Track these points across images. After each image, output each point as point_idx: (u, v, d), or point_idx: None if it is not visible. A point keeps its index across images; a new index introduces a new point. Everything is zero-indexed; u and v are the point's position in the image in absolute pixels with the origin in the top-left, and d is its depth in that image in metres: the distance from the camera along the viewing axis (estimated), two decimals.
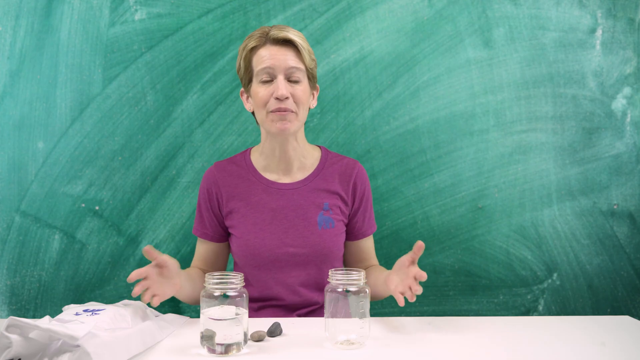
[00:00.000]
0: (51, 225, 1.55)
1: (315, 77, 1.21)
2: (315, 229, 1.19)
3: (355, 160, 1.28)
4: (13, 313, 1.55)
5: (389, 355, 0.89)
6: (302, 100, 1.15)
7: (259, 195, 1.22)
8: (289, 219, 1.20)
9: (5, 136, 1.54)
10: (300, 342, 0.95)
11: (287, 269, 1.19)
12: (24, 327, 0.82)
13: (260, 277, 1.20)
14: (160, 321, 1.02)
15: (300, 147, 1.23)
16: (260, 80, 1.14)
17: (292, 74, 1.14)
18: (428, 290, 1.59)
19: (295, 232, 1.19)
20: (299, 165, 1.24)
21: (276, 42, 1.13)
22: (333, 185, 1.23)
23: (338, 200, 1.23)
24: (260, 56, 1.14)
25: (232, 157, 1.29)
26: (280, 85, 1.12)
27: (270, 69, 1.13)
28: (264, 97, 1.13)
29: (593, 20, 1.57)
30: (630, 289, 1.60)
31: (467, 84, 1.57)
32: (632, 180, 1.59)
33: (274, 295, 1.20)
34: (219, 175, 1.24)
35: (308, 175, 1.24)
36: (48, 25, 1.54)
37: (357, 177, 1.24)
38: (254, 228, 1.20)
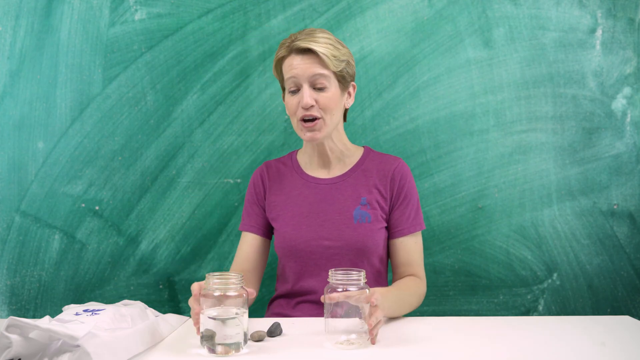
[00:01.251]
0: (51, 225, 1.55)
1: (347, 77, 1.21)
2: (350, 223, 1.20)
3: (398, 157, 1.29)
4: (13, 313, 1.55)
5: (389, 355, 0.89)
6: (329, 107, 1.17)
7: (298, 189, 1.26)
8: (326, 212, 1.22)
9: (5, 136, 1.54)
10: (300, 342, 0.95)
11: (322, 262, 1.20)
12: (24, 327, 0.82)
13: (297, 270, 1.22)
14: (161, 321, 1.01)
15: (339, 147, 1.26)
16: (289, 90, 1.19)
17: (316, 80, 1.16)
18: (428, 290, 1.58)
19: (331, 226, 1.21)
20: (337, 162, 1.27)
21: (300, 51, 1.16)
22: (372, 180, 1.24)
23: (377, 195, 1.23)
24: (287, 66, 1.18)
25: (280, 157, 1.35)
26: (305, 94, 1.15)
27: (295, 78, 1.17)
28: (292, 106, 1.18)
29: (593, 20, 1.57)
30: (630, 289, 1.60)
31: (467, 84, 1.57)
32: (632, 180, 1.59)
33: (309, 289, 1.21)
34: (267, 170, 1.31)
35: (347, 171, 1.26)
36: (48, 25, 1.54)
37: (396, 171, 1.24)
38: (292, 220, 1.23)
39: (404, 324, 1.08)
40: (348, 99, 1.24)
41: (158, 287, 1.57)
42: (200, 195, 1.56)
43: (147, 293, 1.57)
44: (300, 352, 0.90)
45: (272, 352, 0.90)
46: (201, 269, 1.57)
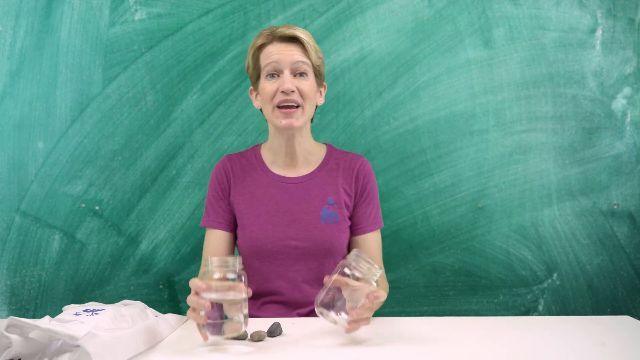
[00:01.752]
0: (51, 225, 1.55)
1: (322, 75, 1.23)
2: (318, 223, 1.20)
3: (360, 155, 1.29)
4: (13, 313, 1.55)
5: (389, 355, 0.89)
6: (309, 95, 1.17)
7: (264, 188, 1.23)
8: (293, 212, 1.21)
9: (5, 136, 1.54)
10: (300, 342, 0.95)
11: (288, 263, 1.19)
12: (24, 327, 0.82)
13: (263, 270, 1.20)
14: (160, 321, 1.01)
15: (306, 144, 1.25)
16: (267, 74, 1.17)
17: (298, 68, 1.16)
18: (428, 290, 1.59)
19: (298, 226, 1.20)
20: (304, 161, 1.26)
21: (283, 39, 1.16)
22: (337, 179, 1.24)
23: (344, 195, 1.23)
24: (268, 52, 1.16)
25: (242, 151, 1.31)
26: (286, 79, 1.14)
27: (277, 63, 1.15)
28: (270, 91, 1.16)
29: (593, 20, 1.57)
30: (630, 289, 1.60)
31: (467, 84, 1.57)
32: (632, 180, 1.59)
33: (274, 289, 1.20)
34: (230, 165, 1.27)
35: (313, 170, 1.25)
36: (48, 25, 1.54)
37: (360, 170, 1.25)
38: (258, 220, 1.21)
39: (404, 323, 1.08)
40: (319, 97, 1.24)
41: (158, 287, 1.57)
42: (200, 195, 1.56)
43: (147, 293, 1.57)
44: (300, 352, 0.90)
45: (272, 352, 0.90)
46: None
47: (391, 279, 1.58)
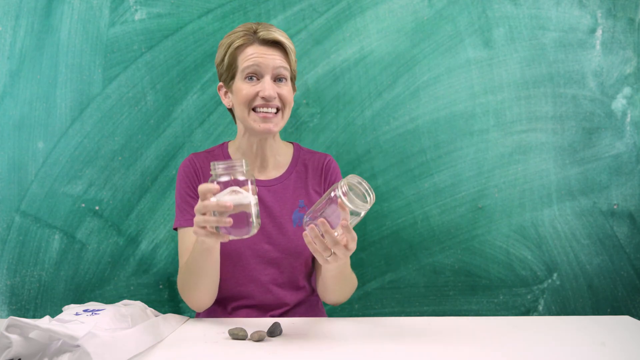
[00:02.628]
0: (51, 225, 1.55)
1: (295, 78, 1.22)
2: (289, 226, 1.19)
3: (327, 154, 1.29)
4: (13, 313, 1.55)
5: (389, 355, 0.89)
6: (288, 100, 1.16)
7: None
8: (264, 215, 1.19)
9: (5, 136, 1.54)
10: (300, 342, 0.95)
11: (260, 266, 1.18)
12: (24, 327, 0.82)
13: (235, 273, 1.18)
14: (161, 321, 1.02)
15: (276, 145, 1.24)
16: (245, 77, 1.13)
17: (279, 73, 1.14)
18: (428, 290, 1.59)
19: (271, 229, 1.19)
20: (274, 163, 1.24)
21: (264, 42, 1.14)
22: (307, 181, 1.24)
23: (314, 196, 1.23)
24: (247, 54, 1.13)
25: (209, 149, 1.28)
26: (267, 85, 1.12)
27: (258, 67, 1.12)
28: (249, 94, 1.13)
29: (593, 20, 1.57)
30: (630, 289, 1.60)
31: (467, 84, 1.57)
32: (632, 180, 1.59)
33: (246, 293, 1.19)
34: (198, 163, 1.22)
35: (283, 173, 1.24)
36: (48, 25, 1.54)
37: (326, 169, 1.25)
38: None
39: (404, 323, 1.08)
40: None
41: (158, 287, 1.58)
42: None
43: (147, 293, 1.57)
44: (300, 352, 0.90)
45: (272, 352, 0.90)
46: None
47: (391, 279, 1.58)
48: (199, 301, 1.14)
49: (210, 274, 1.10)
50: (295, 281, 1.20)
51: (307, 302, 1.24)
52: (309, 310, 1.24)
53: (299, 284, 1.22)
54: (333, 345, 0.94)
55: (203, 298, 1.14)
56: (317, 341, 0.96)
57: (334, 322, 1.10)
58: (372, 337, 0.98)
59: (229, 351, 0.90)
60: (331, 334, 1.00)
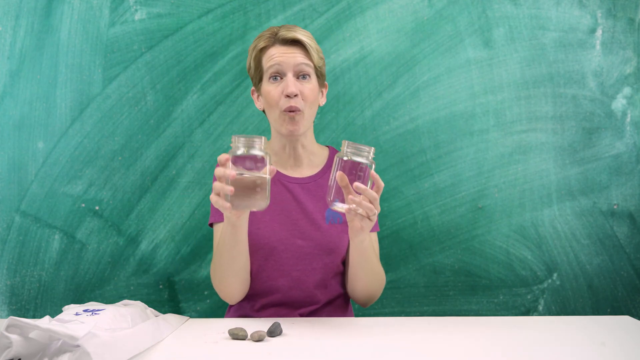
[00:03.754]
0: (51, 225, 1.55)
1: (323, 75, 1.23)
2: (322, 223, 1.21)
3: None
4: (13, 313, 1.55)
5: (389, 355, 0.89)
6: (310, 99, 1.17)
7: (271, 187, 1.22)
8: (298, 211, 1.21)
9: (5, 136, 1.54)
10: (300, 342, 0.95)
11: (292, 261, 1.19)
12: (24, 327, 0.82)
13: (266, 267, 1.20)
14: (161, 321, 1.02)
15: (309, 146, 1.26)
16: (270, 77, 1.17)
17: (301, 70, 1.16)
18: (428, 290, 1.59)
19: (304, 225, 1.20)
20: (307, 163, 1.26)
21: (285, 42, 1.16)
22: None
23: None
24: (270, 55, 1.16)
25: None
26: (290, 82, 1.14)
27: (279, 66, 1.15)
28: (275, 95, 1.16)
29: (593, 20, 1.57)
30: (630, 289, 1.60)
31: (467, 84, 1.57)
32: (632, 180, 1.59)
33: (276, 288, 1.20)
34: None
35: (318, 172, 1.26)
36: (48, 25, 1.54)
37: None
38: (264, 218, 1.21)
39: (404, 323, 1.08)
40: (321, 97, 1.25)
41: (158, 287, 1.58)
42: (200, 195, 1.56)
43: (147, 293, 1.57)
44: (300, 352, 0.90)
45: (272, 352, 0.90)
46: (201, 269, 1.57)
47: (391, 279, 1.58)
48: (228, 287, 1.16)
49: (237, 258, 1.11)
50: (326, 279, 1.22)
51: (336, 302, 1.25)
52: (337, 310, 1.25)
53: (330, 283, 1.23)
54: (333, 345, 0.94)
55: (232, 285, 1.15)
56: (317, 341, 0.96)
57: (334, 322, 1.10)
58: (372, 337, 0.98)
59: (229, 351, 0.90)
60: (331, 334, 1.00)
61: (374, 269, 1.19)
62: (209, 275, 1.57)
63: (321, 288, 1.22)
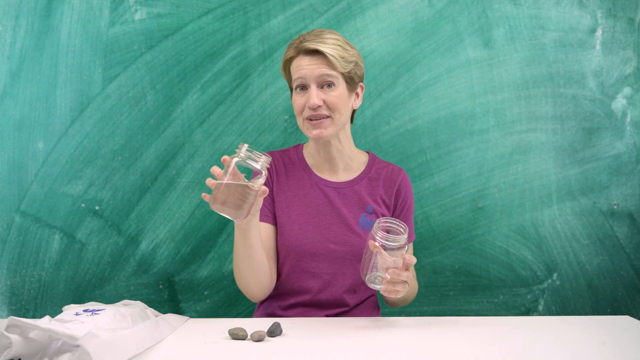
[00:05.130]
0: (51, 225, 1.55)
1: (355, 78, 1.21)
2: (356, 229, 1.22)
3: (401, 168, 1.30)
4: (13, 313, 1.55)
5: (389, 355, 0.89)
6: (337, 106, 1.17)
7: (306, 189, 1.25)
8: (333, 216, 1.22)
9: (5, 136, 1.54)
10: (300, 342, 0.95)
11: (324, 265, 1.21)
12: (24, 327, 0.82)
13: (297, 269, 1.21)
14: (161, 321, 1.02)
15: (346, 150, 1.25)
16: (297, 89, 1.19)
17: (325, 80, 1.16)
18: (428, 290, 1.59)
19: (338, 230, 1.21)
20: (344, 167, 1.27)
21: (308, 52, 1.16)
22: (377, 190, 1.25)
23: (381, 205, 1.25)
24: (295, 66, 1.18)
25: (284, 149, 1.32)
26: (312, 95, 1.15)
27: (303, 79, 1.16)
28: (299, 106, 1.18)
29: (593, 20, 1.57)
30: (630, 289, 1.60)
31: (467, 84, 1.57)
32: (632, 180, 1.59)
33: (306, 289, 1.21)
34: (273, 161, 1.27)
35: (355, 177, 1.26)
36: (48, 25, 1.54)
37: (402, 185, 1.27)
38: (298, 220, 1.22)
39: (404, 323, 1.08)
40: (356, 99, 1.24)
41: (158, 287, 1.58)
42: (200, 195, 1.56)
43: (147, 293, 1.57)
44: (300, 352, 0.90)
45: (272, 352, 0.90)
46: (201, 269, 1.57)
47: None
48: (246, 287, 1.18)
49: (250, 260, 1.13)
50: (356, 284, 1.23)
51: (364, 304, 1.26)
52: (365, 311, 1.27)
53: (360, 288, 1.24)
54: (333, 345, 0.94)
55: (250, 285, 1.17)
56: (317, 341, 0.96)
57: (333, 322, 1.10)
58: (372, 337, 0.98)
59: (229, 351, 0.90)
60: (331, 334, 1.00)
61: (412, 290, 1.25)
62: (209, 275, 1.57)
63: (350, 293, 1.23)
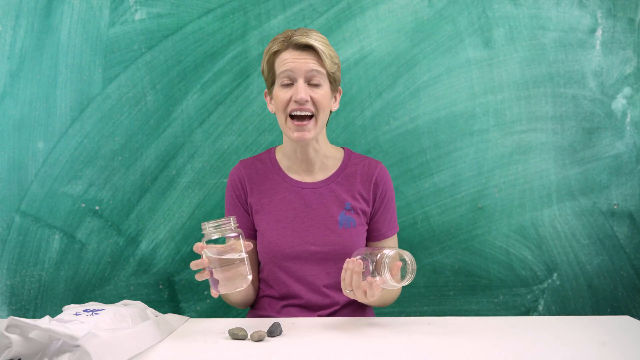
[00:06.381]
0: (51, 225, 1.55)
1: (337, 81, 1.21)
2: (336, 228, 1.21)
3: (378, 160, 1.29)
4: (13, 313, 1.55)
5: (389, 355, 0.89)
6: (323, 105, 1.16)
7: (282, 194, 1.24)
8: (311, 217, 1.22)
9: (5, 136, 1.54)
10: (300, 342, 0.95)
11: (307, 267, 1.20)
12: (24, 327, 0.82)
13: (281, 274, 1.21)
14: (161, 321, 1.02)
15: (322, 149, 1.25)
16: (282, 83, 1.16)
17: (313, 77, 1.15)
18: (428, 290, 1.59)
19: (317, 231, 1.21)
20: (320, 166, 1.26)
21: (298, 46, 1.15)
22: (355, 185, 1.24)
23: (360, 200, 1.24)
24: (282, 60, 1.16)
25: (257, 155, 1.31)
26: (300, 88, 1.13)
27: (291, 72, 1.14)
28: (284, 100, 1.15)
29: (593, 20, 1.57)
30: (630, 289, 1.60)
31: (467, 84, 1.57)
32: (632, 180, 1.59)
33: (294, 293, 1.21)
34: (245, 171, 1.26)
35: (330, 175, 1.25)
36: (48, 25, 1.54)
37: (379, 177, 1.25)
38: (277, 225, 1.21)
39: (404, 323, 1.08)
40: (334, 103, 1.24)
41: (158, 287, 1.58)
42: (200, 195, 1.56)
43: (147, 293, 1.57)
44: (300, 352, 0.90)
45: (272, 352, 0.90)
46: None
47: None
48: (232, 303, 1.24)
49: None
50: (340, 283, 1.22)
51: (355, 303, 1.25)
52: (358, 310, 1.26)
53: None
54: (333, 345, 0.94)
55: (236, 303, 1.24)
56: (317, 341, 0.96)
57: (333, 322, 1.10)
58: (372, 337, 0.98)
59: (229, 351, 0.90)
60: (331, 334, 1.00)
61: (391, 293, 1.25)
62: None
63: (338, 291, 1.22)
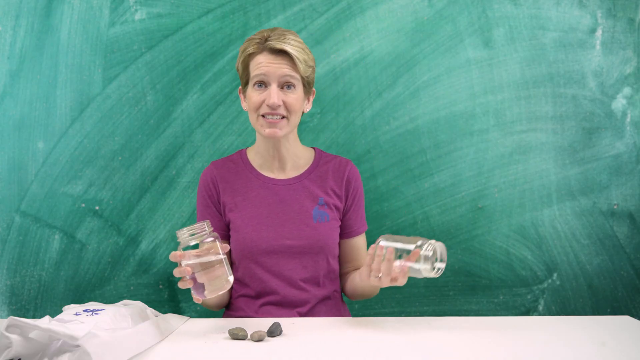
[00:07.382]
0: (51, 225, 1.55)
1: (311, 83, 1.23)
2: (310, 222, 1.22)
3: (348, 159, 1.31)
4: (13, 313, 1.55)
5: (389, 355, 0.89)
6: (295, 108, 1.18)
7: (256, 191, 1.25)
8: (286, 212, 1.23)
9: (5, 136, 1.54)
10: (300, 342, 0.95)
11: (283, 262, 1.21)
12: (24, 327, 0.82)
13: (258, 271, 1.22)
14: (161, 321, 1.02)
15: (293, 148, 1.27)
16: (254, 85, 1.18)
17: (286, 82, 1.17)
18: (428, 290, 1.59)
19: (292, 225, 1.22)
20: (292, 164, 1.28)
21: (272, 51, 1.16)
22: (327, 182, 1.26)
23: (333, 196, 1.26)
24: (257, 62, 1.17)
25: (228, 156, 1.32)
26: (273, 94, 1.15)
27: (265, 76, 1.16)
28: (257, 102, 1.17)
29: (593, 20, 1.57)
30: (630, 289, 1.60)
31: (467, 84, 1.57)
32: (632, 180, 1.59)
33: (271, 289, 1.21)
34: (217, 172, 1.28)
35: (303, 172, 1.27)
36: (48, 25, 1.54)
37: (350, 175, 1.28)
38: (252, 222, 1.22)
39: (404, 323, 1.08)
40: (307, 104, 1.26)
41: (158, 287, 1.58)
42: None
43: (147, 293, 1.57)
44: (300, 352, 0.90)
45: (272, 352, 0.90)
46: None
47: None
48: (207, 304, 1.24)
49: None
50: (318, 277, 1.24)
51: (332, 299, 1.27)
52: (333, 308, 1.27)
53: (323, 281, 1.25)
54: (333, 345, 0.94)
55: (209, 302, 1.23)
56: (317, 341, 0.96)
57: (333, 322, 1.10)
58: (372, 337, 0.98)
59: (229, 351, 0.90)
60: (331, 334, 1.00)
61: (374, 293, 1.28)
62: None
63: (314, 285, 1.23)
